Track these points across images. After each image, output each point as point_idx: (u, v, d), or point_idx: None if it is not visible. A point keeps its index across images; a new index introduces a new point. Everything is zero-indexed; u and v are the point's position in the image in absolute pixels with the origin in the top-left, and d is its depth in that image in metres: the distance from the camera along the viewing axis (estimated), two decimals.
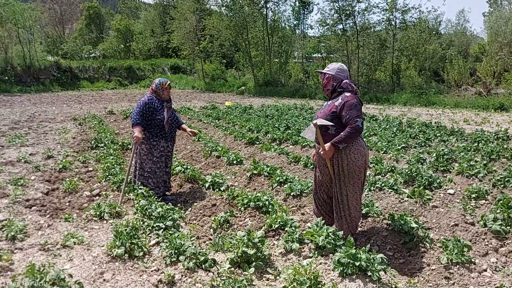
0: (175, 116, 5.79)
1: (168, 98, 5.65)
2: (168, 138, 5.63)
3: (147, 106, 5.39)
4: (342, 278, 3.04)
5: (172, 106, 5.79)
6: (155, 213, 4.31)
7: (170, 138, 5.67)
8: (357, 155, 3.81)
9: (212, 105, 16.26)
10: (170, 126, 5.64)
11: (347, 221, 3.96)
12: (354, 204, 3.93)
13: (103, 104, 17.99)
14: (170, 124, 5.63)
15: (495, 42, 21.52)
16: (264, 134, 9.49)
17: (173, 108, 5.84)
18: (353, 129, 3.68)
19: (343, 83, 3.91)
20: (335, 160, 3.84)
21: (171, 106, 5.73)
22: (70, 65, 29.54)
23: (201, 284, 3.09)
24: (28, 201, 4.95)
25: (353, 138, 3.71)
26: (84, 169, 6.77)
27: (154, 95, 5.52)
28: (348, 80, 3.97)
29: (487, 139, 8.41)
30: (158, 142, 5.50)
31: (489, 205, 4.87)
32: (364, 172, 3.95)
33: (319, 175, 4.16)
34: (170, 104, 5.70)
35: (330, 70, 3.97)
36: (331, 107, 3.86)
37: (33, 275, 2.77)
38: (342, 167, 3.82)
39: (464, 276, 3.44)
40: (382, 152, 7.66)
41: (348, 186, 3.86)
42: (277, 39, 26.68)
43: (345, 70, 4.01)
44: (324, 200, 4.22)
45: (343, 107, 3.75)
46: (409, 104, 18.34)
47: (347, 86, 3.89)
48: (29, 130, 10.25)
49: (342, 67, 4.00)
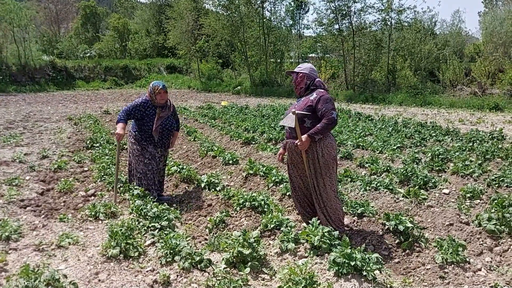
0: (171, 124, 5.45)
1: (162, 104, 5.31)
2: (158, 145, 5.39)
3: (138, 108, 5.25)
4: (338, 278, 3.04)
5: (169, 114, 5.43)
6: (151, 213, 4.30)
7: (161, 145, 5.42)
8: (329, 148, 4.01)
9: (208, 105, 16.24)
10: (161, 135, 5.36)
11: (330, 212, 4.07)
12: (333, 195, 4.06)
13: (98, 103, 17.93)
14: (161, 132, 5.34)
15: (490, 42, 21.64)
16: (260, 134, 9.49)
17: (171, 115, 5.46)
18: (329, 120, 3.85)
19: (316, 81, 4.16)
20: (310, 153, 3.99)
21: (168, 115, 5.40)
22: (66, 64, 29.44)
23: (197, 284, 3.09)
24: (22, 201, 4.93)
25: (329, 129, 3.92)
26: (80, 169, 6.75)
27: (149, 99, 5.31)
28: (320, 79, 4.23)
29: (482, 139, 8.45)
30: (147, 146, 5.35)
31: (484, 205, 4.89)
32: (336, 164, 4.15)
33: (294, 174, 4.30)
34: (166, 112, 5.37)
35: (304, 69, 4.20)
36: (306, 102, 4.03)
37: (27, 276, 2.76)
38: (318, 159, 3.98)
39: (459, 275, 3.46)
40: (377, 152, 7.67)
41: (325, 177, 4.00)
42: (273, 39, 26.69)
43: (315, 70, 4.28)
44: (304, 196, 4.34)
45: (318, 100, 3.95)
46: (405, 104, 18.40)
47: (320, 84, 4.16)
48: (24, 130, 10.20)
49: (313, 67, 4.28)
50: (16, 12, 25.35)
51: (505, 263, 3.62)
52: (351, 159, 7.21)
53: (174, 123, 5.55)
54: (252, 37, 26.82)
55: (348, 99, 20.18)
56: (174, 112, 5.61)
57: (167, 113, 5.39)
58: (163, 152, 5.55)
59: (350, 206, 4.77)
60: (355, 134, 9.18)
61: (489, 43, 21.77)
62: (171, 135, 5.56)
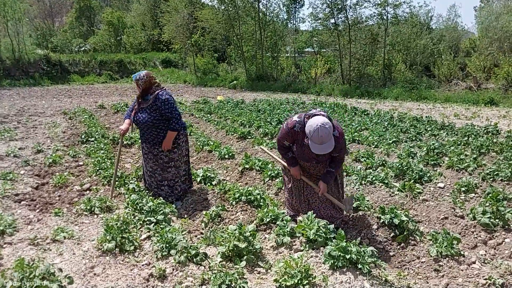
0: (145, 118, 4.95)
1: (140, 95, 5.00)
2: (142, 139, 5.16)
3: (134, 102, 5.23)
4: (333, 271, 3.05)
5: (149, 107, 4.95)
6: (146, 207, 4.30)
7: (144, 140, 5.11)
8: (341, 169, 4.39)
9: (204, 100, 16.19)
10: (141, 128, 5.06)
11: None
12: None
13: (93, 98, 17.83)
14: (140, 126, 5.03)
15: (485, 37, 21.68)
16: (256, 128, 9.48)
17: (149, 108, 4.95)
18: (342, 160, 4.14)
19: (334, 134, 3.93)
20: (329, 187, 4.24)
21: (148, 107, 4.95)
22: (60, 58, 29.17)
23: (192, 278, 3.09)
24: (17, 196, 4.91)
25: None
26: (74, 164, 6.72)
27: None
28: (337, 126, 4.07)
29: (477, 133, 8.49)
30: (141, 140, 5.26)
31: (478, 199, 4.92)
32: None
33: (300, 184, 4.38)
34: (144, 104, 4.99)
35: (329, 143, 3.83)
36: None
37: (22, 270, 2.74)
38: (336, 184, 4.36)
39: (453, 268, 3.48)
40: (373, 146, 7.69)
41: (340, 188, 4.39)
42: (269, 33, 26.59)
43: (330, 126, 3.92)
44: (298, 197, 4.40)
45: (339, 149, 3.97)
46: (400, 98, 18.43)
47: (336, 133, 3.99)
48: (18, 124, 10.13)
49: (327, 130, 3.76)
50: (10, 5, 25.08)
51: (499, 256, 3.65)
52: (346, 154, 7.22)
53: (153, 118, 4.95)
54: (247, 31, 26.71)
55: (344, 94, 20.19)
56: (159, 107, 4.95)
57: (145, 105, 4.98)
58: (150, 149, 5.10)
59: None
60: (351, 129, 9.19)
61: (484, 38, 21.81)
62: (156, 132, 5.02)
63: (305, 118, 3.89)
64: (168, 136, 5.00)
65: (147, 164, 5.19)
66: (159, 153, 5.09)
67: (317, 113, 3.86)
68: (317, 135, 3.59)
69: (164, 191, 5.20)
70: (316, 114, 3.84)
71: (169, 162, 5.14)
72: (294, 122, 3.98)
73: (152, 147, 5.08)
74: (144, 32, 39.65)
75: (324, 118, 3.74)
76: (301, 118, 3.96)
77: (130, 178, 5.74)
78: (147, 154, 5.15)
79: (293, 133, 4.00)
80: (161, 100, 4.94)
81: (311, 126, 3.65)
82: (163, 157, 5.11)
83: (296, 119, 3.98)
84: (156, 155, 5.10)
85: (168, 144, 5.02)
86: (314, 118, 3.74)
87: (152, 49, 38.76)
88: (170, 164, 5.15)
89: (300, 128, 3.93)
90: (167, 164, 5.14)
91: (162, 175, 5.16)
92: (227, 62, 32.13)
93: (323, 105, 14.37)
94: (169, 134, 5.00)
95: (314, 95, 20.59)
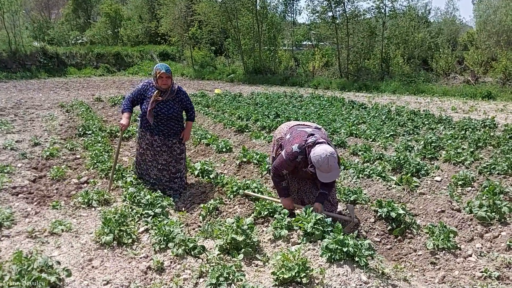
0: (171, 110, 5.03)
1: (165, 88, 4.96)
2: (154, 132, 5.05)
3: (139, 92, 5.06)
4: (330, 264, 3.07)
5: (170, 99, 5.03)
6: (144, 200, 4.30)
7: (157, 132, 5.05)
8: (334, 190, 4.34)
9: (202, 93, 16.15)
10: (160, 120, 5.01)
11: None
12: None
13: (90, 91, 17.75)
14: (157, 117, 4.98)
15: (483, 30, 21.63)
16: (253, 122, 9.47)
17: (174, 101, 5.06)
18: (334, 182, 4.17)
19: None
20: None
21: (169, 100, 5.01)
22: (57, 51, 28.96)
23: (190, 270, 3.10)
24: (14, 189, 4.89)
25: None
26: (72, 157, 6.70)
27: (153, 82, 5.04)
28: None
29: (474, 127, 8.51)
30: (145, 133, 5.12)
31: (475, 192, 4.94)
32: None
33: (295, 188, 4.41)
34: (167, 96, 4.98)
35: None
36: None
37: (20, 262, 2.75)
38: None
39: (449, 261, 3.51)
40: (370, 140, 7.70)
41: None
42: (266, 26, 26.47)
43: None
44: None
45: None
46: (398, 92, 18.43)
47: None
48: (15, 117, 10.09)
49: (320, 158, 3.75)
50: None
51: (495, 249, 3.68)
52: (344, 147, 7.23)
53: (177, 110, 5.10)
54: (245, 24, 26.58)
55: (342, 88, 20.17)
56: (181, 99, 5.14)
57: (168, 97, 5.00)
58: (164, 141, 5.11)
59: (343, 193, 4.80)
60: (348, 122, 9.19)
61: (482, 32, 21.76)
62: (174, 123, 5.11)
63: (306, 148, 3.75)
64: (188, 126, 5.30)
65: (160, 157, 5.17)
66: (173, 145, 5.21)
67: (318, 140, 3.74)
68: (326, 164, 3.51)
69: (177, 184, 5.31)
70: (318, 142, 3.72)
71: (181, 153, 5.32)
72: (295, 154, 3.80)
73: (166, 139, 5.14)
74: (142, 24, 39.37)
75: (328, 146, 3.67)
76: (301, 148, 3.78)
77: (128, 171, 5.73)
78: (160, 147, 5.14)
79: (294, 163, 3.89)
80: (183, 92, 5.20)
81: (320, 156, 3.53)
82: (176, 149, 5.24)
83: (296, 150, 3.79)
84: (170, 147, 5.19)
85: (189, 134, 5.33)
86: (319, 148, 3.61)
87: (149, 42, 38.50)
88: (182, 155, 5.33)
89: (302, 158, 3.81)
90: (179, 156, 5.29)
91: (176, 167, 5.27)
92: (224, 55, 32.01)
93: (320, 99, 14.36)
94: (189, 124, 5.31)
95: (312, 88, 20.55)
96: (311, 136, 3.80)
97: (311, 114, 10.47)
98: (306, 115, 10.29)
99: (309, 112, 10.85)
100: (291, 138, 3.98)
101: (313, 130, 3.93)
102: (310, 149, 3.69)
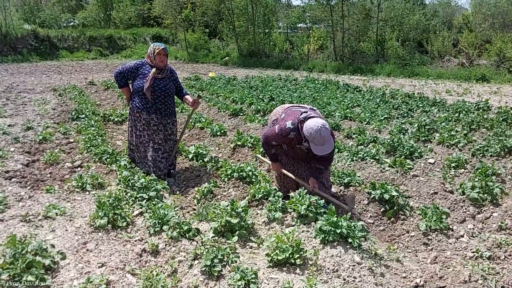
0: (167, 87, 5.13)
1: (162, 66, 5.05)
2: (151, 110, 5.04)
3: (131, 69, 5.05)
4: (324, 245, 3.10)
5: (168, 77, 5.17)
6: (138, 184, 4.29)
7: (155, 110, 5.07)
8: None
9: (196, 76, 16.02)
10: (157, 97, 5.04)
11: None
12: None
13: (83, 74, 17.56)
14: (155, 93, 5.00)
15: (479, 13, 21.52)
16: (248, 105, 9.44)
17: (169, 79, 5.19)
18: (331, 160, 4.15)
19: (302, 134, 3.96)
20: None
21: (164, 78, 5.12)
22: (48, 34, 28.49)
23: (185, 253, 3.12)
24: (7, 173, 4.87)
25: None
26: (65, 141, 6.66)
27: (148, 61, 5.08)
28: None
29: (468, 109, 8.53)
30: (140, 113, 5.08)
31: (468, 174, 4.98)
32: None
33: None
34: (163, 74, 5.10)
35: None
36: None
37: (14, 246, 2.75)
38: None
39: (442, 242, 3.55)
40: (365, 122, 7.71)
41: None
42: (261, 7, 26.15)
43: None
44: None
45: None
46: (393, 75, 18.38)
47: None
48: (7, 101, 9.97)
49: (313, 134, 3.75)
50: None
51: (487, 230, 3.73)
52: (338, 130, 7.24)
53: (172, 88, 5.23)
54: (239, 5, 26.24)
55: (337, 71, 20.08)
56: (175, 78, 5.34)
57: (164, 76, 5.11)
58: (161, 120, 5.15)
59: (337, 176, 4.83)
60: (343, 106, 9.18)
61: (478, 14, 21.65)
62: (170, 101, 5.22)
63: (299, 123, 3.77)
64: (192, 99, 5.37)
65: (156, 136, 5.19)
66: (167, 124, 5.28)
67: (311, 115, 3.77)
68: (319, 136, 3.52)
69: (163, 163, 5.30)
70: (310, 116, 3.74)
71: (171, 134, 5.36)
72: (288, 130, 3.82)
73: (162, 118, 5.19)
74: (134, 7, 38.77)
75: (319, 118, 3.70)
76: (294, 124, 3.80)
77: (122, 155, 5.71)
78: (157, 126, 5.17)
79: (287, 139, 3.91)
80: (174, 72, 5.40)
81: (311, 128, 3.55)
82: (168, 129, 5.30)
83: (289, 126, 3.81)
84: (165, 125, 5.25)
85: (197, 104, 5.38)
86: (310, 121, 3.63)
87: (142, 25, 37.96)
88: (171, 137, 5.38)
89: (295, 134, 3.82)
90: (169, 136, 5.34)
91: (165, 146, 5.32)
92: (218, 37, 31.67)
93: (315, 82, 14.31)
94: (189, 97, 5.42)
95: (307, 71, 20.45)
96: (304, 113, 3.83)
97: (306, 98, 10.43)
98: (300, 98, 10.26)
99: (304, 96, 10.82)
100: (285, 116, 4.01)
101: (308, 111, 3.93)
102: (303, 124, 3.72)
